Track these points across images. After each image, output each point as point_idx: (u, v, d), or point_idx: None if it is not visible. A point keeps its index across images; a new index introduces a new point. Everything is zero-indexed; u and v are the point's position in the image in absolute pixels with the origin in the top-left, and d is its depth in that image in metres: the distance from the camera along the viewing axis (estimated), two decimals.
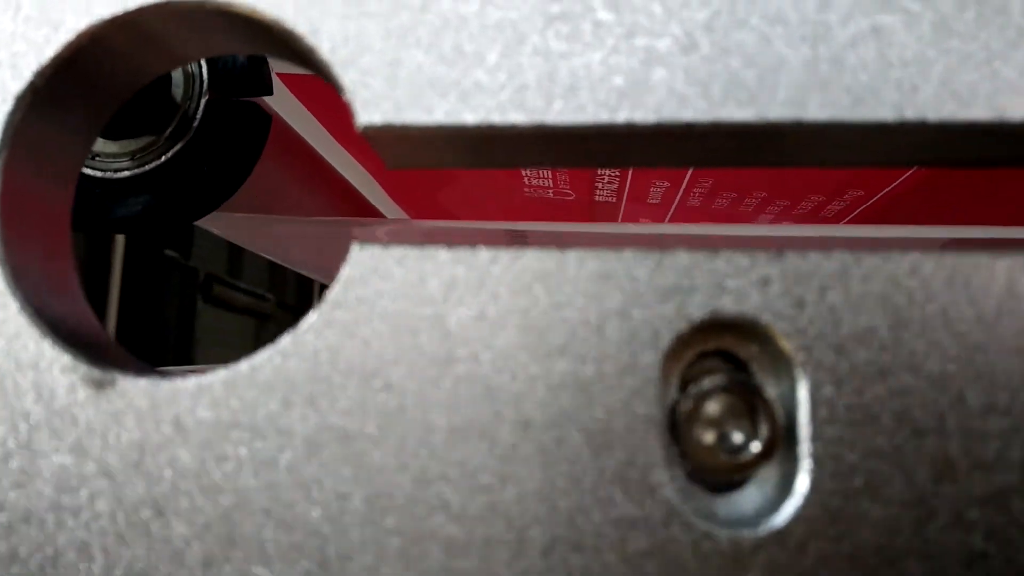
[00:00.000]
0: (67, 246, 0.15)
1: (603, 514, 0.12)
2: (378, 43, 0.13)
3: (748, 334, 0.13)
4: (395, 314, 0.13)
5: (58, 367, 0.13)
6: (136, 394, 0.13)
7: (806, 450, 0.12)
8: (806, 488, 0.12)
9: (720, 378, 0.12)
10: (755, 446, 0.12)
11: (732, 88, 0.13)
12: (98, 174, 0.24)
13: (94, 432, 0.13)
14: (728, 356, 0.13)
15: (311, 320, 0.13)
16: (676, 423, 0.12)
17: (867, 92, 0.12)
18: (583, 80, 0.13)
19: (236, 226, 0.30)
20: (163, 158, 0.24)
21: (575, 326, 0.12)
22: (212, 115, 0.24)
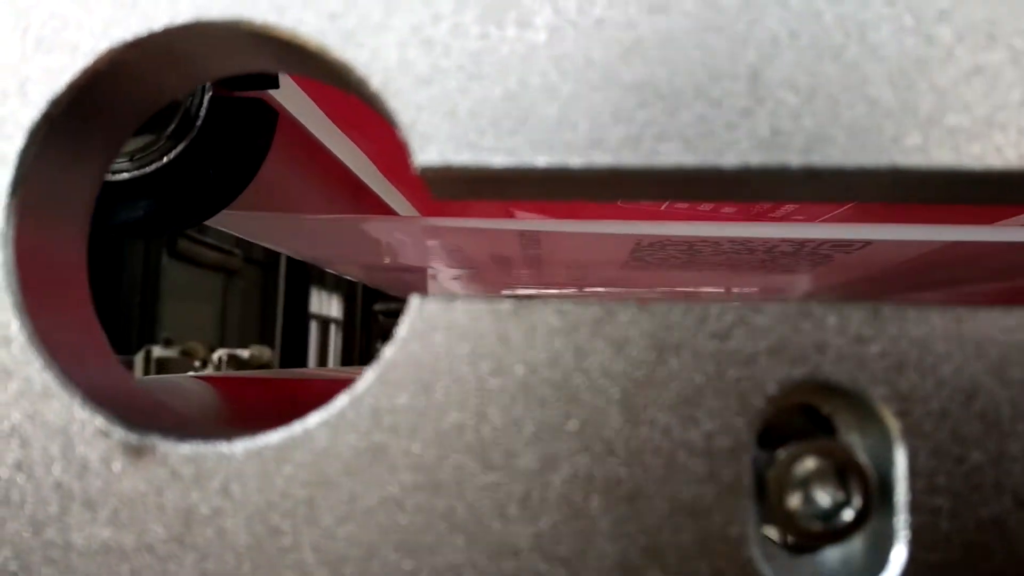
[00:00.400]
0: (87, 295, 0.14)
1: None
2: (437, 75, 0.12)
3: (838, 393, 0.12)
4: (461, 370, 0.12)
5: (91, 431, 0.12)
6: (179, 462, 0.12)
7: (903, 520, 0.11)
8: (903, 560, 0.11)
9: (811, 443, 0.12)
10: (848, 514, 0.12)
11: (822, 128, 0.12)
12: None
13: (134, 503, 0.12)
14: (809, 408, 0.13)
15: (369, 380, 0.12)
16: (764, 487, 0.12)
17: (968, 137, 0.11)
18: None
19: (240, 222, 0.28)
20: (165, 159, 0.22)
21: (663, 387, 0.11)
22: (216, 112, 0.22)
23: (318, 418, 0.12)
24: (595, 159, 0.12)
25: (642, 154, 0.12)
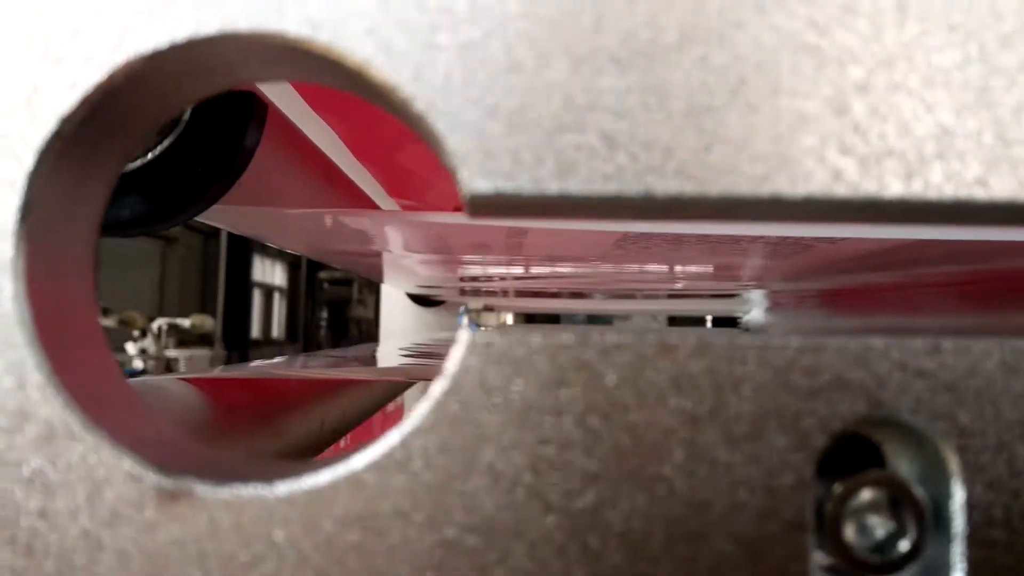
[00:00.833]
0: (98, 324, 0.13)
1: None
2: (486, 98, 0.11)
3: (892, 424, 0.12)
4: (516, 407, 0.11)
5: (120, 476, 0.11)
6: (217, 506, 0.11)
7: (960, 553, 0.11)
8: None
9: (868, 475, 0.12)
10: (903, 545, 0.12)
11: (887, 158, 0.11)
12: None
13: (170, 552, 0.11)
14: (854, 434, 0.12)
15: (419, 418, 0.11)
16: (821, 519, 0.12)
17: None
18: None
19: (222, 215, 0.27)
20: (149, 155, 0.21)
21: (724, 423, 0.11)
22: (204, 106, 0.21)
23: (366, 458, 0.11)
24: (653, 187, 0.11)
25: (695, 183, 0.11)
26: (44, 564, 0.11)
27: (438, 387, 0.11)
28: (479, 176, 0.11)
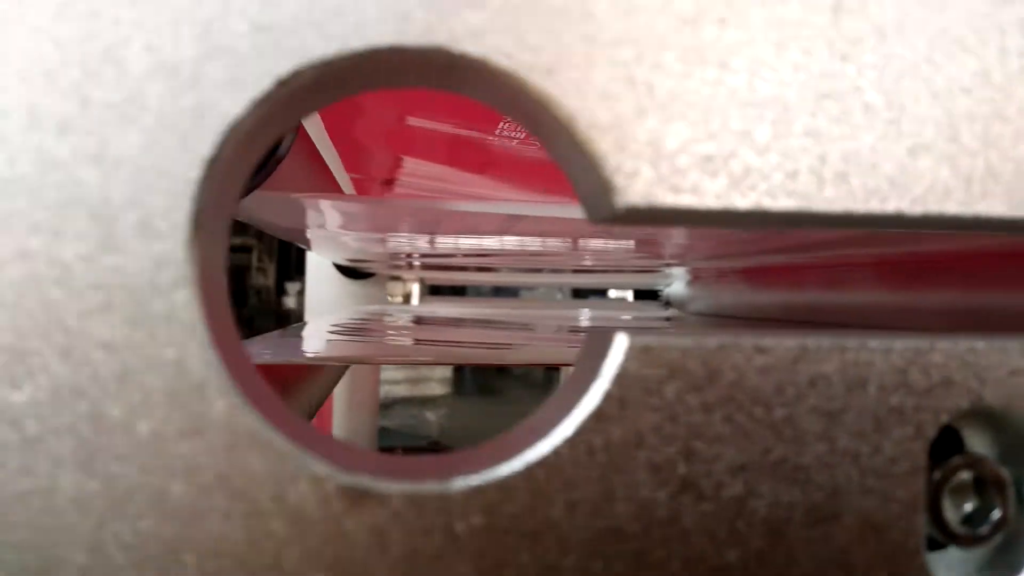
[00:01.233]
0: (235, 329, 0.13)
1: None
2: (642, 115, 0.12)
3: (980, 414, 0.13)
4: (671, 407, 0.12)
5: (305, 477, 0.12)
6: (399, 504, 0.12)
7: None
8: None
9: (963, 458, 0.13)
10: (993, 517, 0.13)
11: (989, 181, 0.13)
12: None
13: (355, 549, 0.12)
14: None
15: (580, 418, 0.12)
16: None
17: None
18: (853, 166, 0.13)
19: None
20: None
21: (853, 418, 0.13)
22: None
23: (536, 454, 0.12)
24: (793, 203, 0.12)
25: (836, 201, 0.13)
26: (230, 562, 0.11)
27: (599, 388, 0.12)
28: (633, 190, 0.12)
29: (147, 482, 0.11)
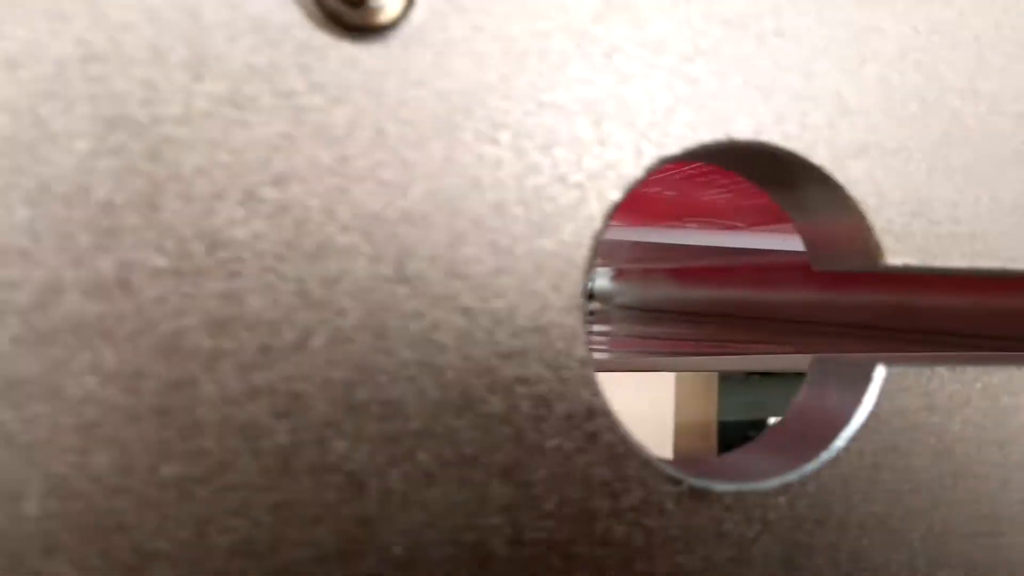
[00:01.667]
0: None
1: None
2: (903, 181, 0.15)
3: None
4: (928, 438, 0.16)
5: (659, 479, 0.14)
6: (730, 500, 0.15)
7: None
8: None
9: None
10: None
11: None
12: None
13: (698, 535, 0.15)
14: None
15: (841, 445, 0.15)
16: None
17: None
18: None
19: None
20: None
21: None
22: None
23: (827, 456, 0.15)
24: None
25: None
26: (606, 549, 0.14)
27: (863, 412, 0.16)
28: (901, 252, 0.15)
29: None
